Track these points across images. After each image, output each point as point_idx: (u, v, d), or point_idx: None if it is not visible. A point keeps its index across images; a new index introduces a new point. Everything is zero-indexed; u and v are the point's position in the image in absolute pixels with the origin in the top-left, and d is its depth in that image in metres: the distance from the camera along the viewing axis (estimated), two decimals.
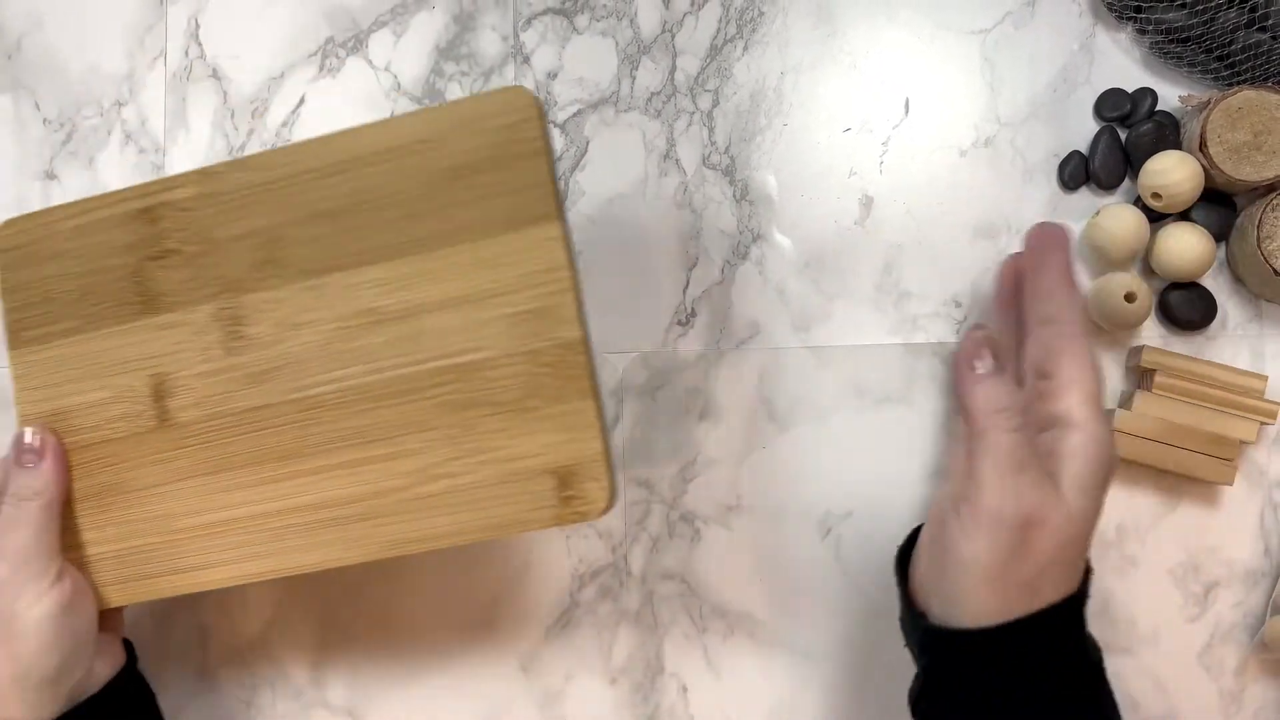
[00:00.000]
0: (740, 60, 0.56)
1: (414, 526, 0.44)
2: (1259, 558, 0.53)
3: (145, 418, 0.47)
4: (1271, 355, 0.53)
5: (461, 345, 0.44)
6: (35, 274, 0.48)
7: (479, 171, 0.44)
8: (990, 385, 0.41)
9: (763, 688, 0.53)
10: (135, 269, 0.47)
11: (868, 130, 0.55)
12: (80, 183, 0.56)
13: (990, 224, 0.55)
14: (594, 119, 0.56)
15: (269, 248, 0.46)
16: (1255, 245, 0.50)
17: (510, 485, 0.44)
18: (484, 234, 0.44)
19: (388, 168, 0.45)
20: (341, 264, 0.45)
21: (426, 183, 0.44)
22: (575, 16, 0.56)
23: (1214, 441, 0.51)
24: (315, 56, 0.56)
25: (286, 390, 0.45)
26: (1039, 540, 0.39)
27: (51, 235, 0.47)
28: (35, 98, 0.56)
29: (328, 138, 0.45)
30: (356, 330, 0.45)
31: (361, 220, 0.45)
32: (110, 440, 0.47)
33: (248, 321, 0.46)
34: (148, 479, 0.46)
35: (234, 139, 0.56)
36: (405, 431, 0.44)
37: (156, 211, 0.46)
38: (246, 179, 0.46)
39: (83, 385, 0.47)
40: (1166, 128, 0.53)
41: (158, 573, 0.46)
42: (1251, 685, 0.52)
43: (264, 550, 0.45)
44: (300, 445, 0.45)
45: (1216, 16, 0.52)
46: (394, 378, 0.45)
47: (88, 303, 0.47)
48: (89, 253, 0.47)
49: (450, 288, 0.44)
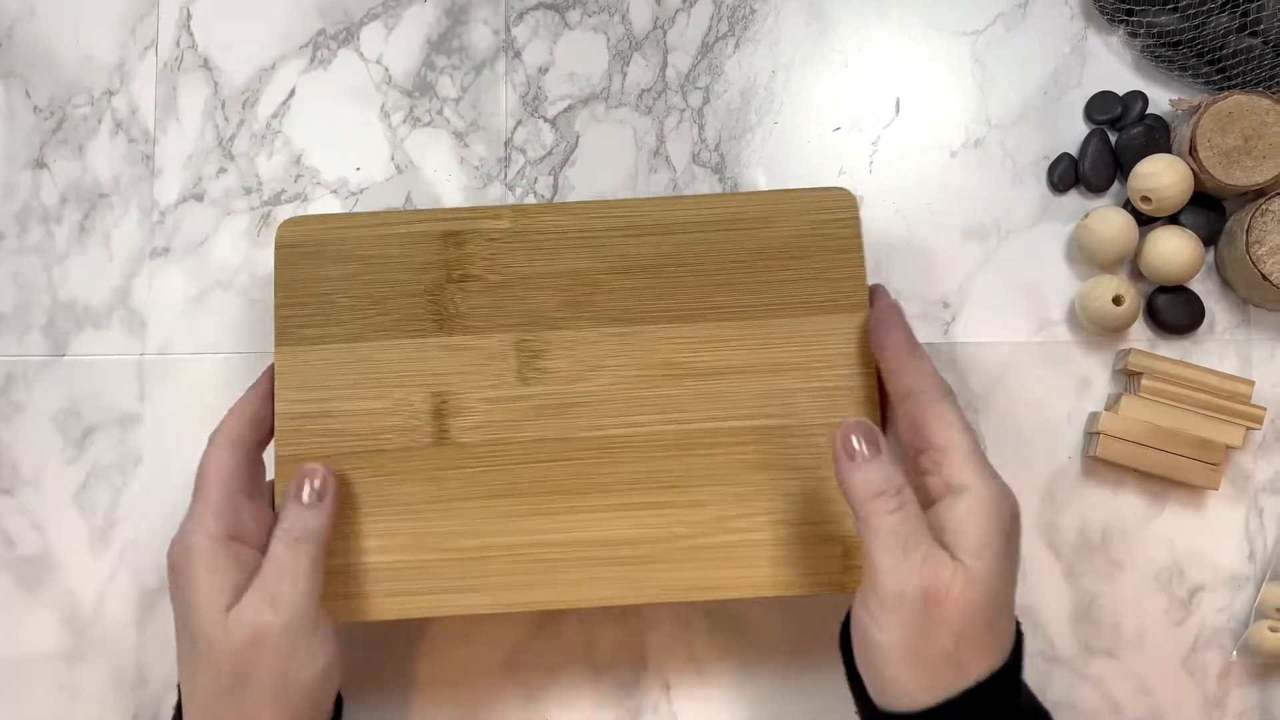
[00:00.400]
0: (731, 58, 0.56)
1: (696, 575, 0.46)
2: (1244, 562, 0.53)
3: (421, 434, 0.47)
4: (1258, 360, 0.53)
5: (765, 410, 0.47)
6: (317, 274, 0.48)
7: (799, 256, 0.47)
8: (866, 470, 0.40)
9: (747, 686, 0.53)
10: (432, 287, 0.47)
11: (858, 129, 0.55)
12: (71, 172, 0.56)
13: (980, 225, 0.54)
14: (584, 114, 0.56)
15: (580, 290, 0.47)
16: (1244, 250, 0.50)
17: (797, 548, 0.46)
18: (799, 312, 0.47)
19: (714, 237, 0.48)
20: (653, 317, 0.47)
21: (749, 258, 0.48)
22: (567, 12, 0.56)
23: (1200, 446, 0.51)
24: (306, 48, 0.56)
25: (580, 427, 0.47)
26: (945, 612, 0.38)
27: (341, 240, 0.48)
28: (26, 86, 0.56)
29: (650, 200, 0.49)
30: (659, 380, 0.47)
31: (679, 280, 0.47)
32: (381, 451, 0.47)
33: (548, 356, 0.47)
34: (416, 495, 0.46)
35: (224, 130, 0.56)
36: (699, 483, 0.46)
37: (464, 237, 0.48)
38: (561, 223, 0.48)
39: (357, 392, 0.47)
40: (1157, 131, 0.53)
41: (416, 590, 0.45)
42: (1235, 690, 0.52)
43: (534, 580, 0.46)
44: (587, 482, 0.46)
45: (1208, 21, 0.52)
46: (694, 430, 0.47)
47: (375, 312, 0.47)
48: (385, 264, 0.48)
49: (759, 355, 0.47)
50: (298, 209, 0.55)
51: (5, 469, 0.54)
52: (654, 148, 0.56)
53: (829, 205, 0.48)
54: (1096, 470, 0.53)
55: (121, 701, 0.54)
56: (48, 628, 0.54)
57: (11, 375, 0.55)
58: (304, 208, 0.55)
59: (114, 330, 0.55)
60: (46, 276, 0.55)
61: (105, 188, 0.56)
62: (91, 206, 0.56)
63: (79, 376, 0.55)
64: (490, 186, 0.55)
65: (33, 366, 0.55)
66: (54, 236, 0.56)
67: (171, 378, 0.55)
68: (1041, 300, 0.54)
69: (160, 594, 0.54)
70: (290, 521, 0.42)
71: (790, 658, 0.53)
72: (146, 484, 0.54)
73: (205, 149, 0.56)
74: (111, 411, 0.55)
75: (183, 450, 0.54)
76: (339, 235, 0.48)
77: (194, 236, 0.55)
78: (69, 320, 0.55)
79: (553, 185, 0.55)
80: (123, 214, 0.56)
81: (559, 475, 0.46)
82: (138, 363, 0.55)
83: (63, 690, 0.54)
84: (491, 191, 0.55)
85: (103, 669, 0.54)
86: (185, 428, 0.54)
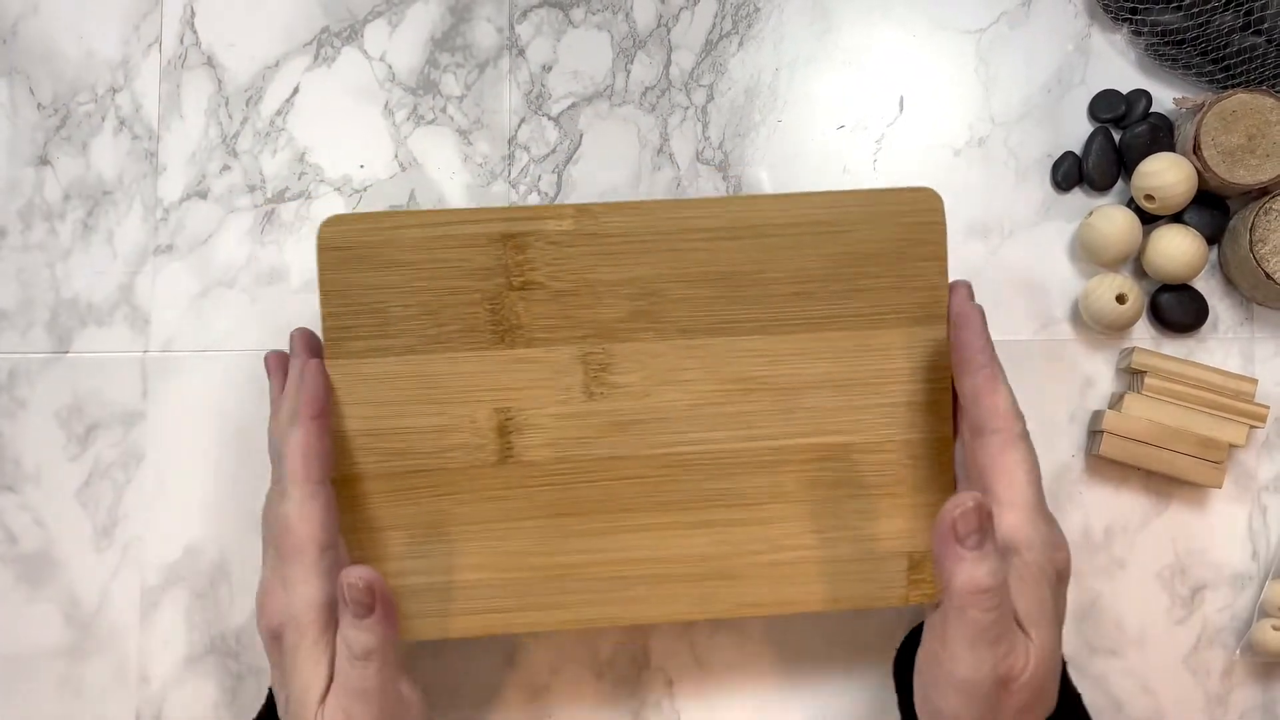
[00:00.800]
0: (735, 56, 0.56)
1: (765, 591, 0.45)
2: (1246, 561, 0.53)
3: (486, 451, 0.45)
4: (1262, 358, 0.53)
5: (837, 426, 0.46)
6: (366, 280, 0.45)
7: (877, 263, 0.45)
8: (974, 566, 0.37)
9: (750, 684, 0.53)
10: (492, 295, 0.45)
11: (862, 128, 0.55)
12: (74, 169, 0.56)
13: (983, 224, 0.54)
14: (588, 112, 0.56)
15: (648, 299, 0.45)
16: (1248, 249, 0.50)
17: (865, 564, 0.45)
18: (875, 324, 0.45)
19: (786, 242, 0.45)
20: (724, 329, 0.45)
21: (825, 264, 0.45)
22: (571, 10, 0.56)
23: (1203, 444, 0.51)
24: (310, 46, 0.56)
25: (650, 444, 0.45)
26: (1015, 693, 0.38)
27: (391, 242, 0.45)
28: (30, 82, 0.56)
29: (723, 200, 0.46)
30: (730, 395, 0.46)
31: (751, 289, 0.45)
32: (444, 469, 0.45)
33: (616, 370, 0.45)
34: (480, 514, 0.45)
35: (228, 127, 0.56)
36: (768, 500, 0.46)
37: (523, 239, 0.45)
38: (628, 225, 0.45)
39: (418, 409, 0.45)
40: (1160, 130, 0.53)
41: (497, 609, 0.45)
42: (1238, 689, 0.52)
43: (604, 598, 0.45)
44: (656, 500, 0.45)
45: (1212, 19, 0.52)
46: (765, 448, 0.46)
47: (431, 322, 0.45)
48: (439, 269, 0.45)
49: (832, 368, 0.45)
50: (301, 207, 0.55)
51: (8, 466, 0.54)
52: (658, 146, 0.55)
53: (915, 207, 0.45)
54: (1100, 469, 0.53)
55: (123, 699, 0.54)
56: (50, 624, 0.54)
57: (15, 372, 0.55)
58: (308, 205, 0.55)
59: (117, 328, 0.55)
60: (50, 273, 0.55)
61: (109, 185, 0.56)
62: (95, 204, 0.56)
63: (82, 374, 0.55)
64: (494, 185, 0.55)
65: (36, 363, 0.55)
66: (57, 233, 0.56)
67: (174, 375, 0.55)
68: (1045, 299, 0.54)
69: (162, 591, 0.54)
70: (349, 638, 0.40)
71: (791, 657, 0.53)
72: (149, 481, 0.54)
73: (209, 146, 0.56)
74: (114, 409, 0.55)
75: (186, 448, 0.54)
76: (386, 237, 0.45)
77: (197, 234, 0.55)
78: (72, 317, 0.55)
79: (556, 183, 0.55)
80: (126, 211, 0.56)
81: (628, 493, 0.46)
82: (141, 360, 0.55)
83: (65, 687, 0.54)
84: (495, 190, 0.55)
85: (105, 666, 0.54)
86: (188, 425, 0.54)
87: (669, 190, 0.55)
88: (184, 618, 0.54)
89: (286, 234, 0.55)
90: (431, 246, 0.45)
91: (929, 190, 0.45)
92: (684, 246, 0.45)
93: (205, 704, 0.54)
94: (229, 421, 0.54)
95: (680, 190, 0.55)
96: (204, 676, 0.54)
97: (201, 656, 0.54)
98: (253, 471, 0.54)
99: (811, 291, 0.45)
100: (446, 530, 0.45)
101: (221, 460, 0.54)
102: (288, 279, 0.55)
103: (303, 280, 0.55)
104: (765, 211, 0.45)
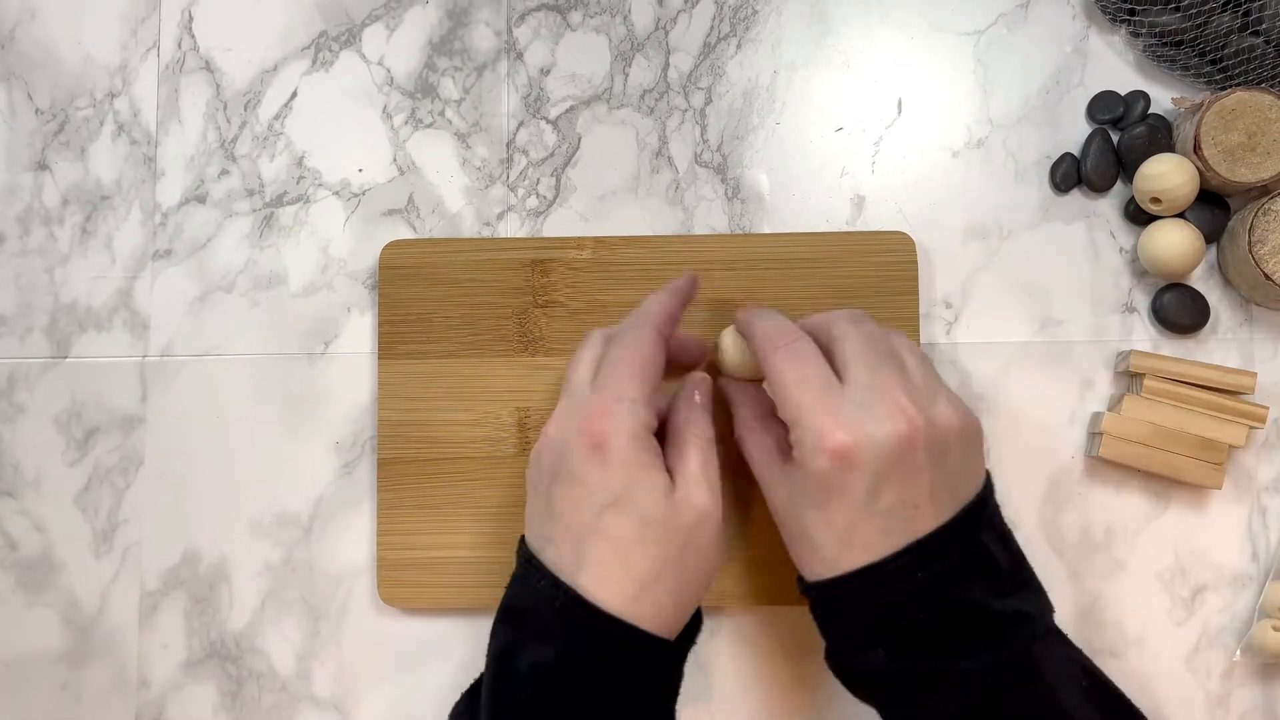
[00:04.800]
0: (733, 58, 0.56)
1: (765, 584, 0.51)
2: (1246, 562, 0.53)
3: (507, 444, 0.52)
4: (1261, 359, 0.53)
5: None
6: (416, 294, 0.53)
7: (857, 296, 0.52)
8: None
9: (751, 686, 0.53)
10: (520, 311, 0.53)
11: (860, 130, 0.55)
12: (72, 174, 0.56)
13: (981, 225, 0.54)
14: (586, 115, 0.56)
15: None
16: (1246, 249, 0.50)
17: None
18: None
19: (775, 274, 0.52)
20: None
21: (809, 295, 0.52)
22: (569, 13, 0.56)
23: (1203, 445, 0.51)
24: (308, 50, 0.56)
25: None
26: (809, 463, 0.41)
27: (441, 264, 0.53)
28: (28, 88, 0.56)
29: (722, 237, 0.53)
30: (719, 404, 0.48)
31: None
32: (470, 458, 0.52)
33: None
34: (500, 499, 0.52)
35: (226, 131, 0.56)
36: (759, 499, 0.47)
37: (549, 265, 0.53)
38: (639, 256, 0.53)
39: (451, 404, 0.52)
40: (1159, 131, 0.53)
41: (497, 584, 0.45)
42: (1238, 689, 0.52)
43: None
44: None
45: (1210, 20, 0.52)
46: None
47: (468, 331, 0.53)
48: (477, 288, 0.53)
49: None
50: (300, 211, 0.55)
51: (7, 471, 0.54)
52: (656, 148, 0.55)
53: (890, 249, 0.52)
54: (1099, 470, 0.53)
55: (123, 703, 0.54)
56: (50, 629, 0.54)
57: (14, 377, 0.55)
58: (306, 209, 0.55)
59: (116, 332, 0.55)
60: (48, 278, 0.55)
61: (107, 190, 0.56)
62: (93, 208, 0.56)
63: (81, 378, 0.55)
64: (492, 188, 0.55)
65: (35, 368, 0.55)
66: (56, 238, 0.56)
67: (173, 380, 0.55)
68: (1044, 300, 0.54)
69: (161, 596, 0.54)
70: (702, 426, 0.44)
71: (792, 656, 0.53)
72: (148, 486, 0.54)
73: (207, 151, 0.56)
74: (113, 413, 0.55)
75: (185, 452, 0.54)
76: (438, 259, 0.53)
77: (196, 238, 0.55)
78: (71, 322, 0.55)
79: (555, 186, 0.55)
80: (125, 216, 0.56)
81: None
82: (140, 365, 0.55)
83: (64, 691, 0.54)
84: (493, 193, 0.55)
85: (105, 671, 0.54)
86: (187, 430, 0.55)
87: (667, 193, 0.55)
88: (183, 622, 0.54)
89: (285, 238, 0.55)
90: (473, 269, 0.53)
91: (903, 235, 0.52)
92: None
93: (205, 708, 0.54)
94: (228, 426, 0.54)
95: (679, 193, 0.55)
96: (203, 681, 0.54)
97: (201, 661, 0.54)
98: (252, 475, 0.54)
99: (796, 318, 0.47)
100: (470, 511, 0.52)
101: (220, 464, 0.54)
102: (286, 283, 0.55)
103: (301, 284, 0.55)
104: (759, 248, 0.52)
